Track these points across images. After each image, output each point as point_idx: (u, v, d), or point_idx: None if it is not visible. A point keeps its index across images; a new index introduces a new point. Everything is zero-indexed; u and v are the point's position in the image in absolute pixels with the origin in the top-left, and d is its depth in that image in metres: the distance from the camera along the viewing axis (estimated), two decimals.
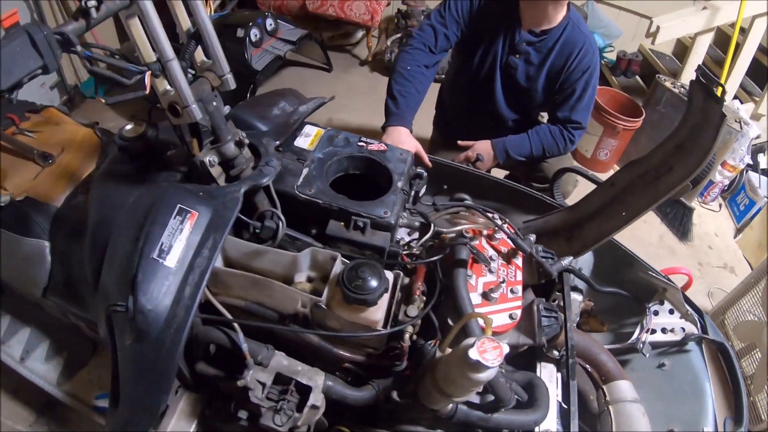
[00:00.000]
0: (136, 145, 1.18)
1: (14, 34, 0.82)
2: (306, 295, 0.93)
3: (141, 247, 0.88)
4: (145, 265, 0.87)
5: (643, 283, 1.59)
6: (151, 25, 0.93)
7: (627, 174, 1.43)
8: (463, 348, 0.83)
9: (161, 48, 0.95)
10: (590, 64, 1.86)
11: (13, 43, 0.81)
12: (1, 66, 0.80)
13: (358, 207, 1.06)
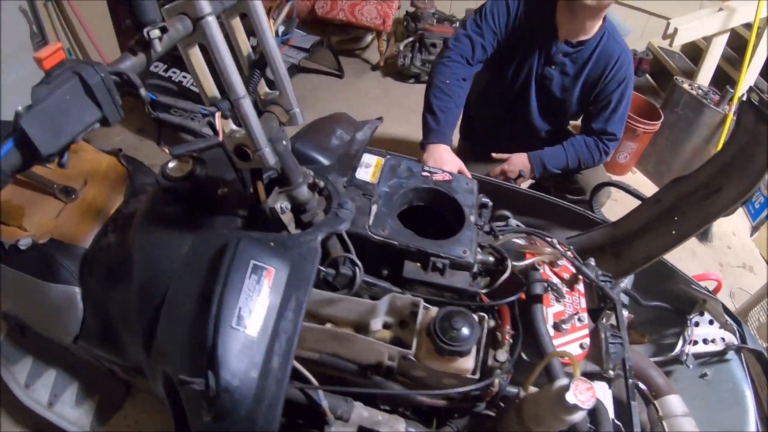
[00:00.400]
0: (183, 186, 1.08)
1: (61, 77, 0.67)
2: (394, 348, 0.89)
3: (215, 313, 0.78)
4: (224, 336, 0.77)
5: (683, 294, 1.62)
6: (219, 55, 0.81)
7: (672, 192, 1.44)
8: (557, 391, 0.84)
9: (231, 83, 0.83)
10: (626, 75, 1.86)
11: (61, 91, 0.66)
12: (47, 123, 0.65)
13: (436, 247, 1.01)
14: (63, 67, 0.66)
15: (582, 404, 0.80)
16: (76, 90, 0.67)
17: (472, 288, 1.01)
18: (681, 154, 2.99)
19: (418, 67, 3.78)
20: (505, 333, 0.97)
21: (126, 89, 0.78)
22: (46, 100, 0.64)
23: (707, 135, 2.84)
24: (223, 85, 0.83)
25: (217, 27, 0.80)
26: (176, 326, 0.87)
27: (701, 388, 1.56)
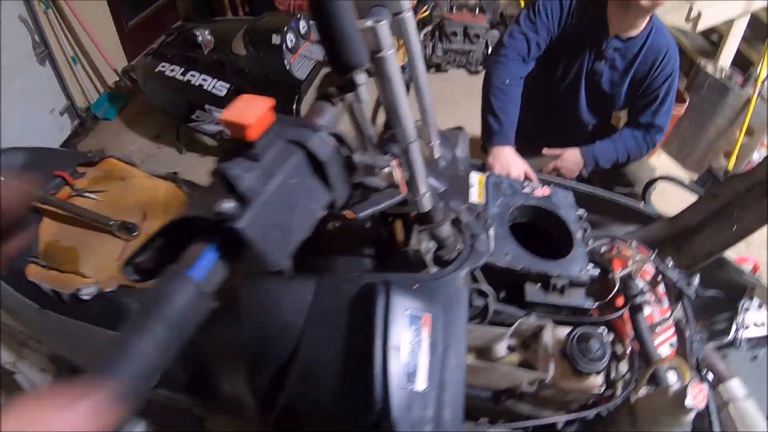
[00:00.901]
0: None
1: (278, 152, 0.51)
2: (533, 374, 0.93)
3: (381, 375, 0.72)
4: (395, 397, 0.71)
5: (733, 281, 1.71)
6: (395, 94, 0.70)
7: (729, 188, 1.51)
8: (675, 395, 0.91)
9: (406, 125, 0.72)
10: (673, 69, 1.91)
11: (285, 174, 0.51)
12: (270, 222, 0.49)
13: (556, 268, 1.03)
14: (274, 136, 0.52)
15: (698, 406, 0.88)
16: (302, 169, 0.53)
17: (587, 305, 1.05)
18: (705, 135, 3.07)
19: (439, 56, 3.79)
20: (627, 346, 1.04)
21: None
22: (268, 190, 0.49)
23: (731, 117, 2.92)
24: (394, 126, 0.74)
25: (395, 60, 0.68)
26: (318, 388, 0.80)
27: (753, 370, 1.65)
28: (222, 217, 0.46)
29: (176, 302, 0.43)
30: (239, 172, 0.49)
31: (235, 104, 0.51)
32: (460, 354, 0.79)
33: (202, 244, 0.47)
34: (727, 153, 3.12)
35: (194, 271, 0.45)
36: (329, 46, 0.57)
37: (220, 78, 3.09)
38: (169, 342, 0.42)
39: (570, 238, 1.13)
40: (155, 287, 0.44)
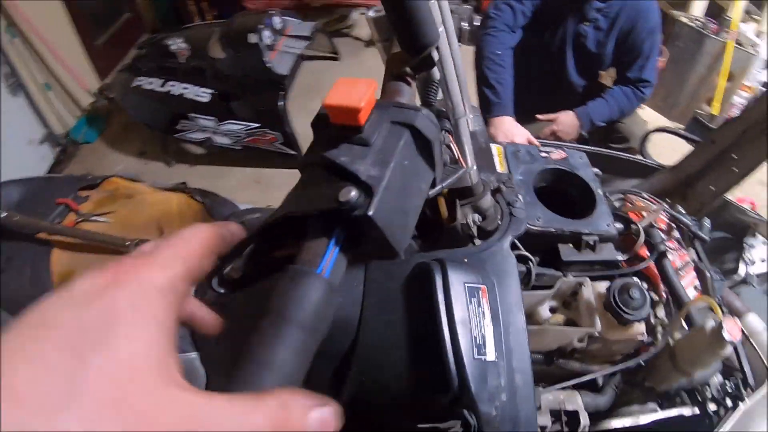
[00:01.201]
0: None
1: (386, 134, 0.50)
2: (581, 330, 0.96)
3: (452, 351, 0.72)
4: (471, 371, 0.72)
5: (735, 221, 1.78)
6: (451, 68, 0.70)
7: (727, 131, 1.56)
8: (712, 331, 0.96)
9: (457, 99, 0.73)
10: (655, 25, 1.97)
11: (400, 155, 0.49)
12: (392, 206, 0.46)
13: (585, 226, 1.05)
14: (378, 118, 0.50)
15: (735, 338, 0.92)
16: (411, 150, 0.51)
17: (619, 257, 1.08)
18: (687, 85, 3.15)
19: None
20: (661, 291, 1.09)
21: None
22: (387, 174, 0.46)
23: (710, 64, 2.99)
24: (446, 101, 0.74)
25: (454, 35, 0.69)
26: (385, 375, 0.79)
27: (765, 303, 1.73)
28: (347, 206, 0.43)
29: (310, 303, 0.40)
30: (354, 158, 0.47)
31: (338, 88, 0.48)
32: (520, 319, 0.81)
33: (321, 238, 0.44)
34: (709, 99, 3.21)
35: (321, 268, 0.43)
36: (404, 27, 0.55)
37: (200, 84, 3.09)
38: (308, 345, 0.40)
39: (592, 197, 1.16)
40: (282, 290, 0.41)
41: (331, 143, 0.48)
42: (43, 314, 0.29)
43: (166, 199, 1.38)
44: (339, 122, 0.48)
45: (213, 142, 3.22)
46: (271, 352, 0.37)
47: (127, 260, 0.35)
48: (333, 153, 0.47)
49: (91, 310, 0.30)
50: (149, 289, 0.34)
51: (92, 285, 0.32)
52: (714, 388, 1.09)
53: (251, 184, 3.24)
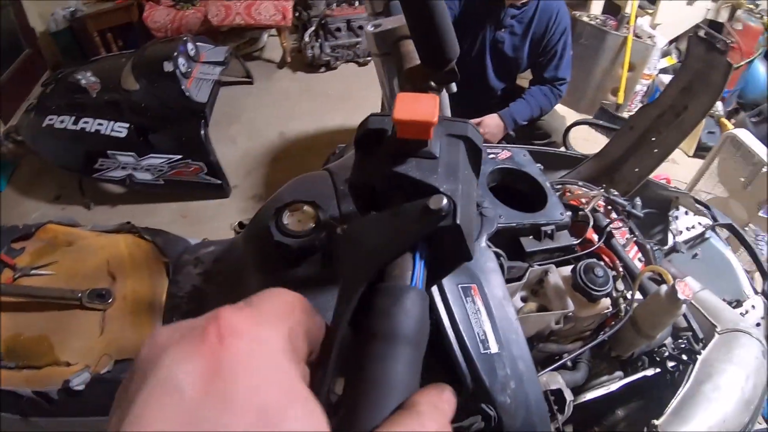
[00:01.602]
0: (316, 238, 0.91)
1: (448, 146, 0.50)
2: (557, 313, 1.02)
3: (460, 348, 0.76)
4: (481, 366, 0.76)
5: (659, 197, 1.94)
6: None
7: (644, 116, 1.71)
8: (667, 293, 1.03)
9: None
10: (566, 25, 2.12)
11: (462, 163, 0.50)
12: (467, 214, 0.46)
13: (542, 217, 1.12)
14: (436, 131, 0.50)
15: (688, 296, 1.01)
16: (466, 160, 0.52)
17: (574, 242, 1.15)
18: (592, 78, 3.39)
19: (328, 54, 3.84)
20: (618, 267, 1.17)
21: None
22: (460, 184, 0.47)
23: (612, 57, 3.25)
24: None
25: None
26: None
27: (697, 266, 1.87)
28: (440, 213, 0.43)
29: (414, 318, 0.40)
30: (427, 172, 0.47)
31: (403, 103, 0.46)
32: (510, 311, 0.85)
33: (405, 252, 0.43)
34: (613, 90, 3.47)
35: (414, 281, 0.42)
36: (431, 44, 0.58)
37: (116, 119, 2.95)
38: (418, 358, 0.39)
39: (541, 190, 1.22)
40: (384, 310, 0.40)
41: (395, 159, 0.48)
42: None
43: (112, 241, 1.30)
44: (407, 137, 0.48)
45: (134, 179, 3.07)
46: (390, 373, 0.37)
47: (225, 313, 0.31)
48: (403, 168, 0.47)
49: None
50: (275, 348, 0.31)
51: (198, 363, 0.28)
52: (669, 348, 1.19)
53: (178, 220, 3.13)
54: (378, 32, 0.74)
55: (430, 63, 0.63)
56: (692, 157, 3.57)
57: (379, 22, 0.73)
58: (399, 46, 0.72)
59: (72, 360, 1.05)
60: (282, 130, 3.56)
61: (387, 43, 0.75)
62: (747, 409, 1.15)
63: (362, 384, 0.36)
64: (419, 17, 0.56)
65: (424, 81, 0.66)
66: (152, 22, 3.65)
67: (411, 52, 0.68)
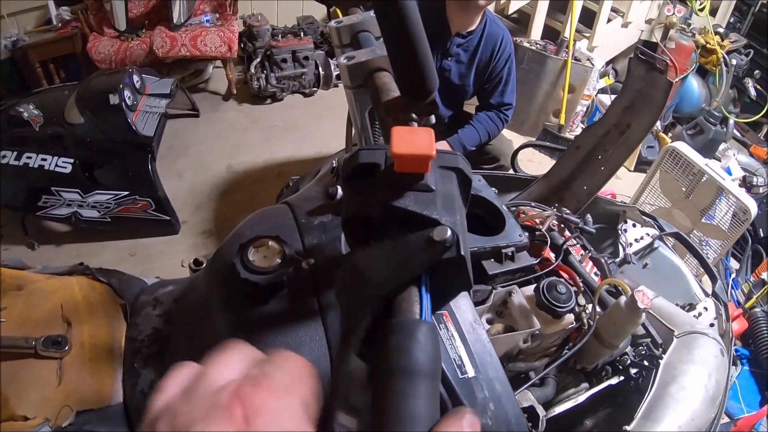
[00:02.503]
0: (284, 273, 0.88)
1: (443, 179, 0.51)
2: (525, 332, 1.04)
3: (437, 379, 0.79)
4: (461, 390, 0.77)
5: (607, 212, 2.01)
6: None
7: (589, 136, 1.79)
8: (628, 303, 1.08)
9: None
10: (511, 52, 2.20)
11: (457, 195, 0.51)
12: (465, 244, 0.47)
13: (502, 240, 1.13)
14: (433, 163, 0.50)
15: (647, 305, 1.07)
16: (459, 191, 0.53)
17: (533, 262, 1.17)
18: (534, 101, 3.51)
19: (274, 85, 3.83)
20: (579, 282, 1.20)
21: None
22: (458, 215, 0.48)
23: (553, 80, 3.38)
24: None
25: None
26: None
27: (648, 275, 1.94)
28: (445, 244, 0.44)
29: (428, 351, 0.40)
30: (425, 205, 0.47)
31: (400, 137, 0.46)
32: (482, 334, 0.87)
33: (411, 286, 0.43)
34: (555, 111, 3.61)
35: (423, 314, 0.42)
36: (413, 75, 0.58)
37: (60, 154, 2.82)
38: (436, 388, 0.39)
39: (499, 214, 1.23)
40: (399, 346, 0.40)
41: (393, 193, 0.48)
42: None
43: (65, 284, 1.20)
44: (405, 170, 0.48)
45: (80, 217, 2.95)
46: (414, 409, 0.37)
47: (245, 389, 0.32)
48: (402, 202, 0.48)
49: None
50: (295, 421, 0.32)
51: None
52: (631, 355, 1.24)
53: (126, 258, 3.03)
54: (352, 65, 0.74)
55: (411, 95, 0.62)
56: (633, 171, 3.75)
57: (353, 54, 0.73)
58: (374, 78, 0.72)
59: (30, 413, 0.97)
60: (230, 162, 3.49)
61: (361, 75, 0.75)
62: (713, 405, 1.20)
63: (388, 422, 0.36)
64: (402, 48, 0.56)
65: (405, 113, 0.65)
66: (96, 53, 3.55)
67: (387, 83, 0.68)
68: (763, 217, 3.35)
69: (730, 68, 4.26)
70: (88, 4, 3.68)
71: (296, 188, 1.93)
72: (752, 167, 4.11)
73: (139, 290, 1.29)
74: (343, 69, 0.74)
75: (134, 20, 3.77)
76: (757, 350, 2.73)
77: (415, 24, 0.56)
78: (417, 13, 0.55)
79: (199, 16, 3.81)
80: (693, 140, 3.83)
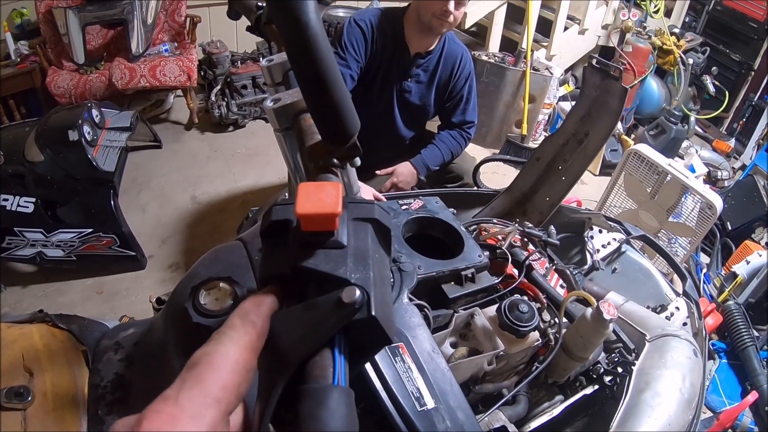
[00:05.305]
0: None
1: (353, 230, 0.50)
2: (488, 355, 1.03)
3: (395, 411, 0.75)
4: (421, 423, 0.75)
5: (572, 221, 2.02)
6: None
7: (548, 147, 1.79)
8: (593, 315, 1.07)
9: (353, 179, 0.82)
10: (471, 70, 2.20)
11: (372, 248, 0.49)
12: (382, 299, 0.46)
13: (461, 262, 1.13)
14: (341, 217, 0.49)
15: (613, 316, 1.06)
16: (376, 243, 0.51)
17: (495, 281, 1.18)
18: (496, 113, 3.55)
19: (235, 113, 3.79)
20: (542, 298, 1.20)
21: None
22: (371, 272, 0.46)
23: (513, 91, 3.42)
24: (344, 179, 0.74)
25: None
26: None
27: (618, 279, 1.94)
28: (354, 306, 0.42)
29: (342, 418, 0.39)
30: (336, 264, 0.46)
31: (306, 195, 0.45)
32: (441, 362, 0.86)
33: (324, 349, 0.42)
34: (517, 122, 3.65)
35: (336, 379, 0.41)
36: (331, 119, 0.57)
37: (22, 193, 2.76)
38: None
39: (457, 235, 1.25)
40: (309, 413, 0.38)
41: (302, 252, 0.47)
42: None
43: (25, 333, 1.19)
44: (313, 229, 0.47)
45: (45, 257, 2.88)
46: None
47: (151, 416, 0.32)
48: (311, 262, 0.46)
49: None
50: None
51: None
52: (604, 363, 1.23)
53: (93, 296, 2.96)
54: (277, 108, 0.72)
55: (331, 140, 0.61)
56: (599, 175, 3.80)
57: (278, 97, 0.71)
58: (299, 121, 0.70)
59: None
60: (194, 193, 3.44)
61: (288, 118, 0.73)
62: (689, 407, 1.20)
63: None
64: (316, 95, 0.55)
65: (325, 159, 0.63)
66: (55, 87, 3.49)
67: (311, 126, 0.66)
68: (730, 210, 3.41)
69: (687, 67, 4.37)
70: (46, 38, 3.63)
71: (255, 221, 1.90)
72: (716, 162, 4.20)
73: (100, 335, 1.23)
74: (269, 112, 0.73)
75: (93, 52, 3.74)
76: (733, 343, 2.76)
77: (329, 67, 0.54)
78: (331, 56, 0.53)
79: (157, 45, 3.78)
80: (655, 140, 3.89)
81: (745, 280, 2.90)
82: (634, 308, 1.55)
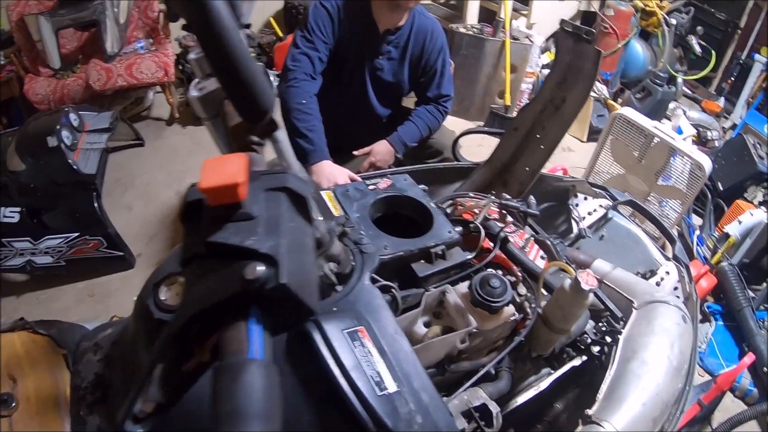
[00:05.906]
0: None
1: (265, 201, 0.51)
2: (461, 333, 1.00)
3: (357, 397, 0.72)
4: (380, 409, 0.72)
5: (557, 189, 1.99)
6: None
7: (526, 116, 1.75)
8: (572, 286, 1.04)
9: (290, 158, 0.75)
10: (443, 43, 2.16)
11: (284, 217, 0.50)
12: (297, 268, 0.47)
13: (430, 239, 1.11)
14: (252, 190, 0.49)
15: (593, 285, 1.02)
16: (291, 211, 0.52)
17: (468, 257, 1.15)
18: (477, 85, 3.50)
19: None
20: (516, 272, 1.17)
21: None
22: (282, 241, 0.46)
23: (494, 62, 3.37)
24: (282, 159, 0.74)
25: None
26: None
27: (605, 246, 1.91)
28: (258, 282, 0.42)
29: (258, 391, 0.38)
30: (244, 235, 0.46)
31: (209, 170, 0.46)
32: (404, 344, 0.84)
33: (238, 323, 0.42)
34: (500, 93, 3.60)
35: (253, 352, 0.40)
36: (244, 98, 0.57)
37: (6, 204, 2.76)
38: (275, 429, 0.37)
39: (427, 212, 1.23)
40: (224, 391, 0.38)
41: (212, 228, 0.47)
42: None
43: (7, 341, 1.23)
44: (218, 203, 0.47)
45: (35, 265, 2.88)
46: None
47: None
48: (220, 236, 0.46)
49: None
50: None
51: None
52: (591, 333, 1.21)
53: (85, 299, 2.97)
54: (201, 96, 0.72)
55: (247, 118, 0.61)
56: (586, 142, 3.76)
57: (203, 85, 0.71)
58: (224, 106, 0.70)
59: None
60: (178, 189, 3.41)
61: (214, 105, 0.73)
62: (678, 375, 1.17)
63: None
64: (226, 75, 0.55)
65: (245, 137, 0.63)
66: (33, 94, 3.46)
67: (233, 110, 0.65)
68: (721, 171, 3.37)
69: (671, 28, 4.29)
70: (20, 46, 3.59)
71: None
72: (706, 122, 4.14)
73: (80, 337, 1.27)
74: (194, 101, 0.71)
75: (68, 56, 3.68)
76: (728, 304, 2.74)
77: (235, 46, 0.53)
78: (237, 36, 0.53)
79: (132, 43, 3.72)
80: (642, 103, 3.84)
81: (738, 240, 2.87)
82: (622, 275, 1.52)
